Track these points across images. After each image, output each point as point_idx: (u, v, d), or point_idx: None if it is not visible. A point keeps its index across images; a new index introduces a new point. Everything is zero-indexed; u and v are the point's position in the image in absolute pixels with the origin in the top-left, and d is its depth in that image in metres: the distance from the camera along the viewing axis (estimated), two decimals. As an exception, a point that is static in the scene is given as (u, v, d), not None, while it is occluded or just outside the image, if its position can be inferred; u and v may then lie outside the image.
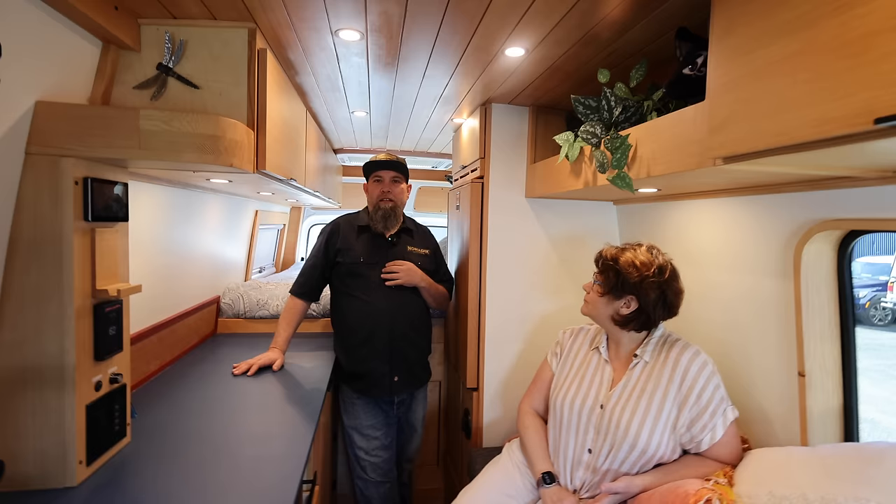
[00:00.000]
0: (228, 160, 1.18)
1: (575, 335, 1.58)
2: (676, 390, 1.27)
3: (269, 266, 4.18)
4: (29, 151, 1.01)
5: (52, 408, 1.06)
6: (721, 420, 1.23)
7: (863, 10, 0.65)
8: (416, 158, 3.69)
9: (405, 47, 1.47)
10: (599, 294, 1.38)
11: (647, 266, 1.31)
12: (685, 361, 1.28)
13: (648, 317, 1.33)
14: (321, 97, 2.09)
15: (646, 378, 1.32)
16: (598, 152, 1.34)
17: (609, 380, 1.38)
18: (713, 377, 1.26)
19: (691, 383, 1.25)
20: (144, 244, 1.69)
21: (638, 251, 1.36)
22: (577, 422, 1.37)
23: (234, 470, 1.19)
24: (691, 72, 1.10)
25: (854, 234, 1.20)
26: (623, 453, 1.27)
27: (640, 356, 1.35)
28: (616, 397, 1.33)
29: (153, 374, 1.82)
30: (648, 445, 1.24)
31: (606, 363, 1.42)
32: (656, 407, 1.27)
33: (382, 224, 1.99)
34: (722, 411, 1.24)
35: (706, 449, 1.24)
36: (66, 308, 1.05)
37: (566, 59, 1.52)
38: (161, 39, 1.25)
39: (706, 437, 1.23)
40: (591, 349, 1.49)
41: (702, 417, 1.24)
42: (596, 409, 1.35)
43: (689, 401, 1.25)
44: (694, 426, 1.24)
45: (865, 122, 0.63)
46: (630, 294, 1.32)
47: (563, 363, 1.54)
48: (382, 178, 2.02)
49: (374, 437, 1.95)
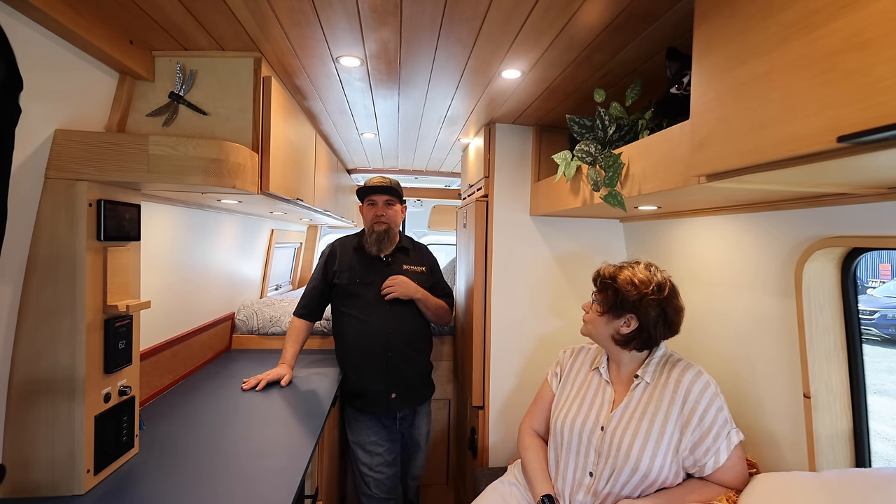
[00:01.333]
0: (231, 182, 1.24)
1: (575, 355, 1.56)
2: (678, 412, 1.24)
3: (285, 283, 4.27)
4: (48, 176, 1.08)
5: (63, 418, 1.11)
6: (725, 444, 1.20)
7: (826, 31, 0.66)
8: (428, 178, 3.75)
9: (404, 71, 1.53)
10: (599, 313, 1.37)
11: (645, 284, 1.30)
12: (687, 382, 1.26)
13: (650, 335, 1.31)
14: (330, 120, 2.17)
15: (647, 399, 1.29)
16: (593, 170, 1.36)
17: (610, 401, 1.36)
18: (716, 399, 1.23)
19: (693, 405, 1.23)
20: (160, 262, 1.76)
21: (636, 269, 1.35)
22: (578, 444, 1.35)
23: (236, 481, 1.21)
24: (678, 91, 1.11)
25: (857, 252, 1.18)
26: (625, 477, 1.24)
27: (641, 377, 1.33)
28: (617, 419, 1.31)
29: (166, 388, 1.87)
30: (651, 469, 1.22)
31: (607, 384, 1.40)
32: (658, 429, 1.24)
33: (377, 246, 2.04)
34: (726, 434, 1.21)
35: (710, 473, 1.21)
36: (78, 323, 1.11)
37: (563, 80, 1.55)
38: (173, 70, 1.34)
39: (710, 460, 1.20)
40: (592, 370, 1.47)
41: (705, 441, 1.21)
42: (597, 430, 1.33)
43: (691, 423, 1.22)
44: (697, 449, 1.21)
45: (829, 140, 0.63)
46: (630, 312, 1.31)
47: (564, 384, 1.52)
48: (376, 203, 2.07)
49: (378, 454, 1.96)
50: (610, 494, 1.27)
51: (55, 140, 1.09)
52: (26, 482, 1.10)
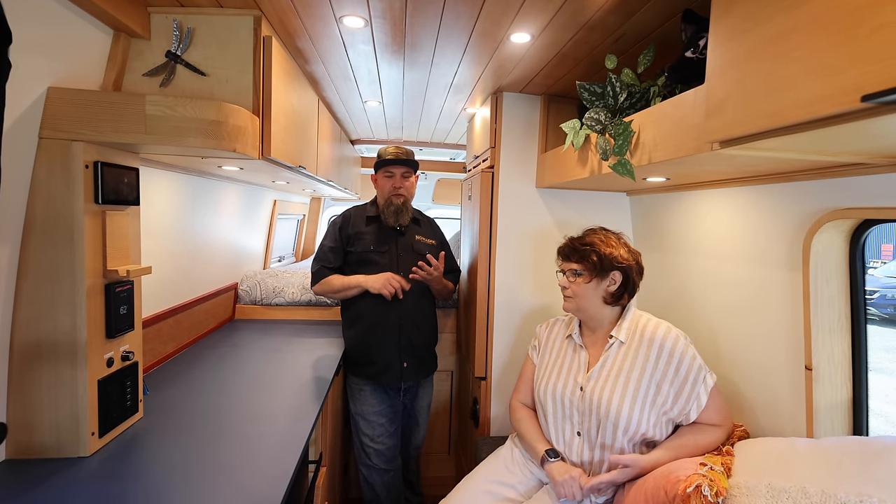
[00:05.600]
0: (231, 145, 1.21)
1: (550, 327, 1.61)
2: (653, 367, 1.30)
3: (289, 255, 4.27)
4: (42, 136, 1.06)
5: (66, 381, 1.12)
6: (703, 388, 1.28)
7: (856, -17, 0.62)
8: (433, 150, 3.69)
9: (410, 34, 1.48)
10: (587, 281, 1.40)
11: (611, 241, 1.43)
12: (659, 338, 1.32)
13: (634, 283, 1.42)
14: (333, 86, 2.12)
15: (622, 357, 1.35)
16: (602, 139, 1.32)
17: (585, 363, 1.41)
18: (688, 349, 1.30)
19: (668, 358, 1.30)
20: (160, 229, 1.75)
21: (598, 232, 1.47)
22: (562, 407, 1.40)
23: (240, 445, 1.23)
24: (693, 55, 1.07)
25: (867, 224, 1.15)
26: (610, 432, 1.30)
27: (615, 336, 1.38)
28: (595, 378, 1.36)
29: (170, 356, 1.89)
30: (630, 421, 1.28)
31: (581, 348, 1.45)
32: (634, 384, 1.30)
33: (394, 218, 2.03)
34: (702, 379, 1.28)
35: (696, 417, 1.28)
36: (78, 286, 1.10)
37: (574, 45, 1.50)
38: (170, 27, 1.29)
39: (692, 406, 1.28)
40: (566, 337, 1.52)
41: (684, 389, 1.28)
42: (576, 392, 1.38)
43: (668, 375, 1.29)
44: (679, 399, 1.28)
45: (853, 100, 0.60)
46: (613, 269, 1.39)
47: (543, 355, 1.56)
48: (394, 174, 2.04)
49: (380, 424, 1.98)
50: (602, 449, 1.32)
51: (48, 98, 1.06)
52: (31, 443, 1.11)
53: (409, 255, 2.02)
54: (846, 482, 0.94)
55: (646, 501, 1.13)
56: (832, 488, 0.94)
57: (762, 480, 1.05)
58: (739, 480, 1.09)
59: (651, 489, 1.14)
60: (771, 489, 1.02)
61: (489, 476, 1.49)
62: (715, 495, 1.02)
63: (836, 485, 0.94)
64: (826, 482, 0.96)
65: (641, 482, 1.19)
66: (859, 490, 0.91)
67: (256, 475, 1.10)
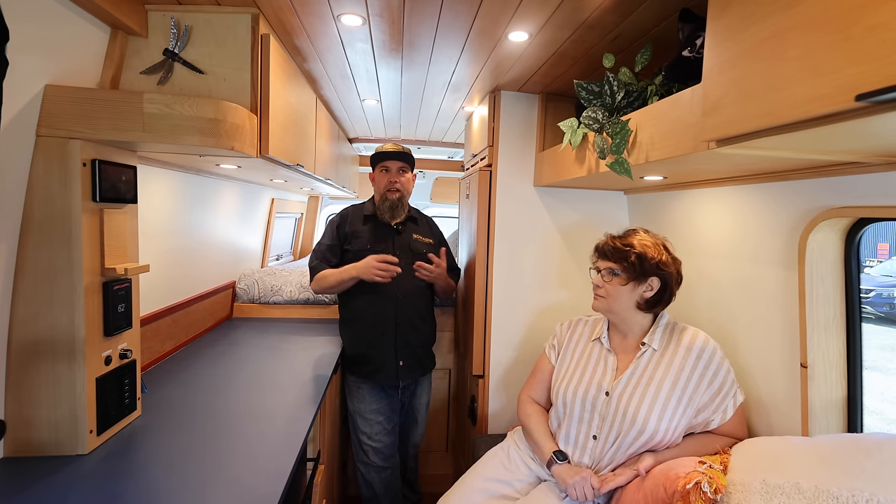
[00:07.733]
0: (229, 143, 1.21)
1: (573, 327, 1.58)
2: (688, 375, 1.28)
3: (286, 254, 4.26)
4: (39, 133, 1.06)
5: (64, 379, 1.12)
6: (731, 402, 1.28)
7: (851, -17, 0.62)
8: (431, 148, 3.69)
9: (408, 32, 1.48)
10: (623, 283, 1.36)
11: (657, 246, 1.37)
12: (697, 348, 1.30)
13: (672, 293, 1.37)
14: (331, 85, 2.12)
15: (654, 366, 1.32)
16: (599, 138, 1.33)
17: (613, 368, 1.38)
18: (724, 362, 1.29)
19: (703, 369, 1.28)
20: (158, 228, 1.74)
21: (640, 234, 1.40)
22: (581, 410, 1.38)
23: (239, 443, 1.23)
24: (690, 53, 1.07)
25: (863, 223, 1.16)
26: (630, 439, 1.28)
27: (648, 344, 1.35)
28: (623, 385, 1.33)
29: (168, 354, 1.89)
30: (657, 431, 1.26)
31: (609, 352, 1.42)
32: (665, 394, 1.28)
33: (389, 214, 2.02)
34: (733, 394, 1.28)
35: (716, 427, 1.29)
36: (75, 285, 1.10)
37: (571, 44, 1.50)
38: (167, 25, 1.29)
39: (717, 417, 1.28)
40: (592, 340, 1.49)
41: (714, 400, 1.28)
42: (601, 396, 1.35)
43: (701, 385, 1.28)
44: (706, 409, 1.28)
45: (847, 99, 0.61)
46: (653, 275, 1.34)
47: (563, 355, 1.54)
48: (390, 169, 2.04)
49: (377, 422, 1.99)
50: (615, 454, 1.31)
51: (45, 95, 1.05)
52: (30, 441, 1.11)
53: (406, 255, 2.02)
54: (839, 477, 0.95)
55: (645, 498, 1.14)
56: (825, 484, 0.95)
57: (757, 477, 1.06)
58: (735, 477, 1.10)
59: (650, 486, 1.14)
60: (765, 485, 1.03)
61: (487, 474, 1.49)
62: (714, 492, 1.03)
63: (830, 480, 0.95)
64: (819, 478, 0.97)
65: (640, 479, 1.20)
66: (852, 485, 0.92)
67: (255, 473, 1.10)
